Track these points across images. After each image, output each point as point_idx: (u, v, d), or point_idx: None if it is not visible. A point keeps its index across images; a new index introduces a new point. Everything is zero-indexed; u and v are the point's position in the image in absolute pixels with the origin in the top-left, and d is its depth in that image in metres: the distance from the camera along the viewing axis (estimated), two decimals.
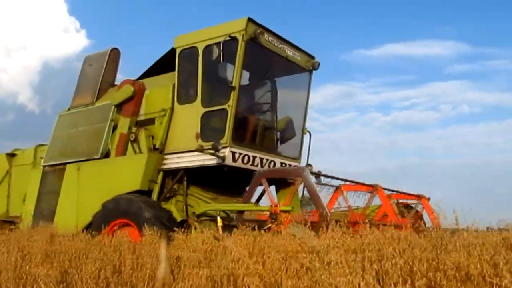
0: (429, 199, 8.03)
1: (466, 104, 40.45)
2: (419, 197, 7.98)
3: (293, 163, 9.22)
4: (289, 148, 9.36)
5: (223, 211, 7.24)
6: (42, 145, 10.95)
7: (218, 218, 6.66)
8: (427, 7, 39.69)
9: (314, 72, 9.51)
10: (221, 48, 7.62)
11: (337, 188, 6.92)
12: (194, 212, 7.32)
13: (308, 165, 9.45)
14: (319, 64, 9.38)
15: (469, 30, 39.35)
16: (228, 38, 7.78)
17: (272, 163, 8.67)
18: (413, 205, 8.24)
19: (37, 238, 6.24)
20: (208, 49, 8.14)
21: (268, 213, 6.02)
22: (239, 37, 7.81)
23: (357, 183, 7.13)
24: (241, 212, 6.45)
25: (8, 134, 37.60)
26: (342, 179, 7.08)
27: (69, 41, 40.90)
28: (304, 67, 9.28)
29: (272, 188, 9.75)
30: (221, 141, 7.66)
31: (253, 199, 9.65)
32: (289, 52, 8.86)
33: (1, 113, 38.27)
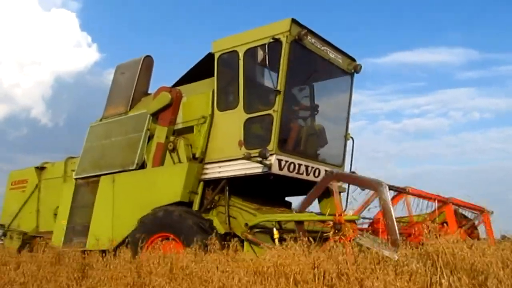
0: (492, 212, 7.56)
1: (477, 110, 39.83)
2: (481, 210, 7.51)
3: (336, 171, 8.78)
4: (332, 155, 8.93)
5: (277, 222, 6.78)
6: (73, 157, 10.67)
7: (275, 229, 6.20)
8: (434, 14, 39.12)
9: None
10: (267, 50, 7.24)
11: (401, 192, 6.43)
12: (246, 224, 6.87)
13: (352, 172, 9.03)
14: (361, 67, 8.98)
15: (477, 36, 38.81)
16: (271, 40, 7.41)
17: (317, 171, 8.25)
18: (472, 217, 7.80)
19: None
20: (249, 52, 7.77)
21: (331, 222, 5.55)
22: (283, 39, 7.43)
23: (425, 193, 6.65)
24: (301, 222, 5.98)
25: (21, 148, 37.67)
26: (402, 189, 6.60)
27: (81, 55, 41.11)
28: (345, 70, 8.87)
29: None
30: (268, 148, 7.24)
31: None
32: (331, 54, 8.47)
33: (14, 127, 38.43)
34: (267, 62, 7.27)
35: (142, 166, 8.78)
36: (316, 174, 8.24)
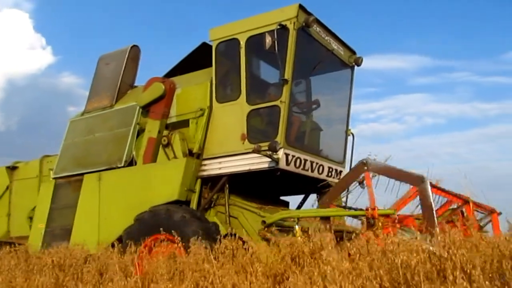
0: (499, 213, 7.30)
1: (430, 115, 41.04)
2: (491, 211, 7.24)
3: (338, 168, 8.37)
4: (333, 151, 8.49)
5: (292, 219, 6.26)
6: (48, 156, 9.84)
7: (297, 227, 5.67)
8: (389, 21, 39.91)
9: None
10: (275, 36, 6.75)
11: None
12: (263, 221, 6.32)
13: None
14: (362, 60, 8.60)
15: (430, 44, 39.99)
16: (278, 27, 6.92)
17: (321, 167, 7.81)
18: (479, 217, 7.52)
19: None
20: (252, 40, 7.26)
21: (363, 217, 5.10)
22: (290, 26, 6.96)
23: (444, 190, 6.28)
24: (326, 218, 5.50)
25: None
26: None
27: (35, 58, 39.43)
28: (347, 63, 8.48)
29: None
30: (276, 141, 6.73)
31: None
32: (334, 45, 8.05)
33: None
34: (276, 49, 6.77)
35: (131, 163, 8.10)
36: (320, 170, 7.80)
